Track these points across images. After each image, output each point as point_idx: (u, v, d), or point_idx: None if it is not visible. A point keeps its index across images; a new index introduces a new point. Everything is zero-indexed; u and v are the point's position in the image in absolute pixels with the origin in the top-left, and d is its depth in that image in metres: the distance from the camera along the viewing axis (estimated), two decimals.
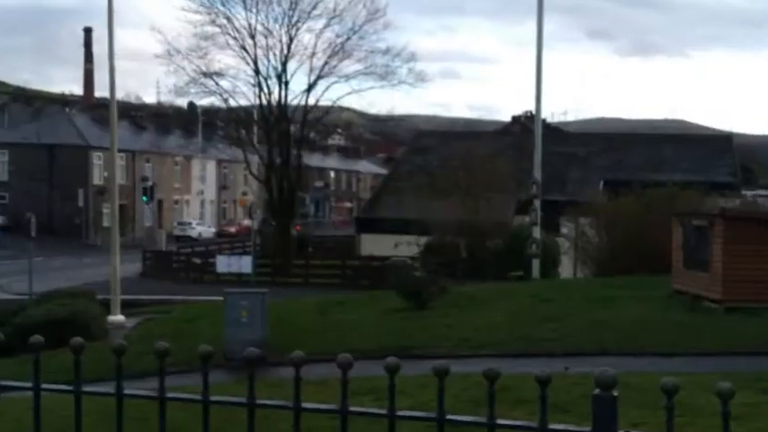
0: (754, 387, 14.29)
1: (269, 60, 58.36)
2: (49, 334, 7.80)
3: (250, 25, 57.84)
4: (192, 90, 60.27)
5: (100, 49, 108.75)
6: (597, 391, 3.53)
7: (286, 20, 58.03)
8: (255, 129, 64.92)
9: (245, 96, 60.95)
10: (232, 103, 61.75)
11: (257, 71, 58.29)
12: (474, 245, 46.86)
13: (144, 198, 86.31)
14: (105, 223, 77.39)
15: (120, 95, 46.75)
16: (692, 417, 11.95)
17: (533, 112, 47.09)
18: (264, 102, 58.96)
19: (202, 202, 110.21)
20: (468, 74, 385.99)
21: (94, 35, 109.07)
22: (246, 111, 64.50)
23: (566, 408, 12.87)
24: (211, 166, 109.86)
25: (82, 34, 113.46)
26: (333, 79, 59.16)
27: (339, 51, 58.72)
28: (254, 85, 58.93)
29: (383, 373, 3.77)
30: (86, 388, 4.27)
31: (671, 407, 3.51)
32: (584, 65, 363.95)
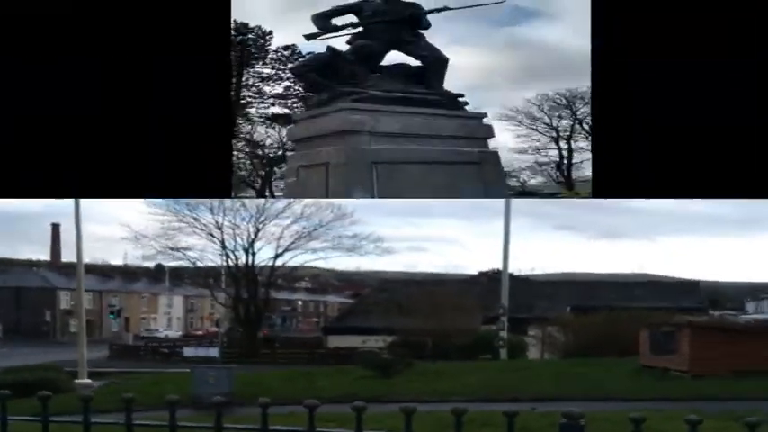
0: (723, 417, 14.40)
1: (236, 242, 59.31)
2: (18, 395, 7.89)
3: (217, 222, 58.72)
4: (160, 257, 61.79)
5: (68, 236, 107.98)
6: (564, 420, 3.82)
7: (253, 219, 59.03)
8: (223, 278, 65.35)
9: (212, 261, 62.00)
10: (200, 264, 62.85)
11: (224, 247, 59.35)
12: (440, 342, 46.50)
13: (111, 315, 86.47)
14: (72, 329, 77.14)
15: (86, 260, 47.89)
16: None
17: (500, 269, 47.28)
18: (232, 264, 60.04)
19: (169, 319, 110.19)
20: (434, 249, 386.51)
21: (62, 227, 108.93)
22: (214, 269, 64.93)
23: None
24: (178, 300, 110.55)
25: (49, 229, 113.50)
26: (300, 251, 60.31)
27: (306, 236, 59.81)
28: (221, 255, 60.06)
29: (350, 412, 4.07)
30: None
31: None
32: (552, 250, 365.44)
